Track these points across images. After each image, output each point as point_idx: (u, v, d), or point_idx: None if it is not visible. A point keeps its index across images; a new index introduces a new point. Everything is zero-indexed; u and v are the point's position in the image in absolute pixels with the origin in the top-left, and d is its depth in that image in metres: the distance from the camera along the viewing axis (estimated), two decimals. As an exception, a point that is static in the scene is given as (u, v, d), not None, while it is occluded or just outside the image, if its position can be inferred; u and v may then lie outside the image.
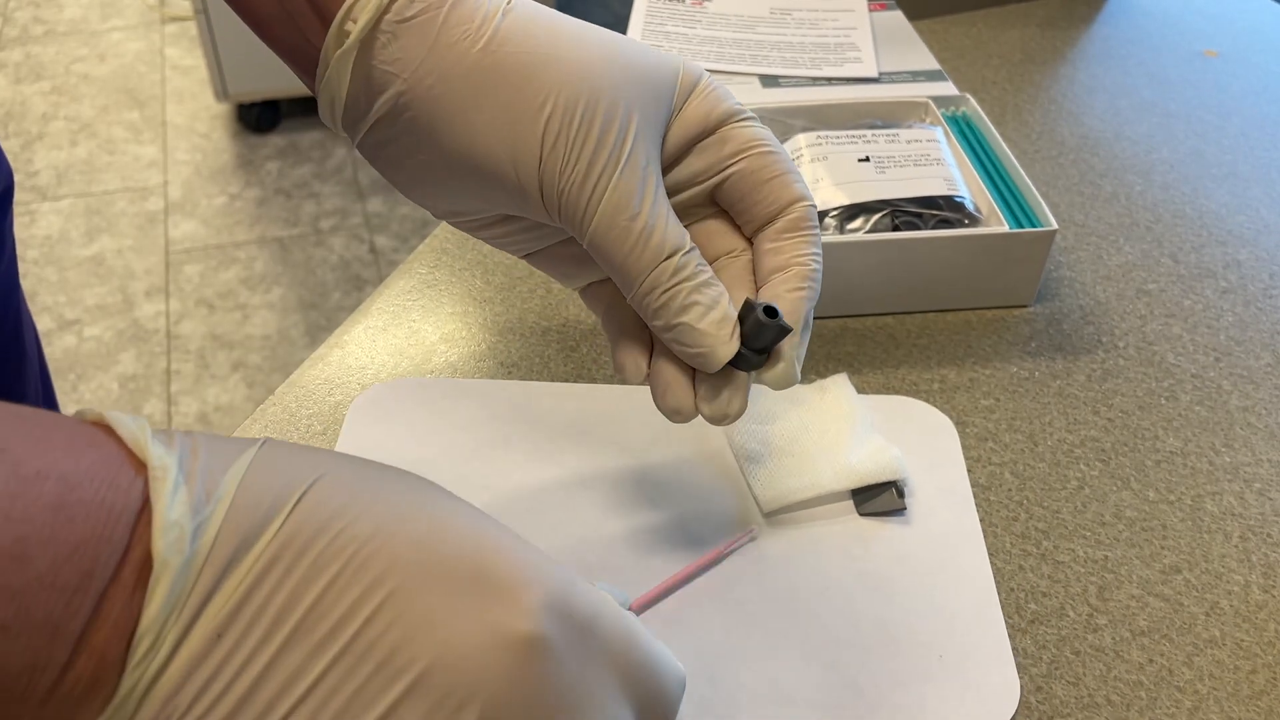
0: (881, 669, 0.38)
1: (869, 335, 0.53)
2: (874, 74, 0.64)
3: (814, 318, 0.53)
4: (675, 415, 0.34)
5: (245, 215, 1.90)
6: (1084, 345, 0.53)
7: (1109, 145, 0.67)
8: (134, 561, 0.23)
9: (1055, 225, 0.52)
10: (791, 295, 0.34)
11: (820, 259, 0.35)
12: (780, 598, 0.40)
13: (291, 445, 0.26)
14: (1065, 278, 0.57)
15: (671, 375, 0.34)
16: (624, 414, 0.47)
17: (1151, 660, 0.39)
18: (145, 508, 0.23)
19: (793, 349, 0.34)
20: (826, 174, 0.54)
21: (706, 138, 0.34)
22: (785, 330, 0.33)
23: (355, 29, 0.31)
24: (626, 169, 0.32)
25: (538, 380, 0.49)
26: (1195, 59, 0.77)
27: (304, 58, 0.34)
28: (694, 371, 0.34)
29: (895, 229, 0.53)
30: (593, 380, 0.50)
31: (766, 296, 0.34)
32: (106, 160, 2.02)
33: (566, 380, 0.50)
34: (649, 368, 0.35)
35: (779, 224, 0.35)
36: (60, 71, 2.26)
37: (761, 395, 0.47)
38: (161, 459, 0.24)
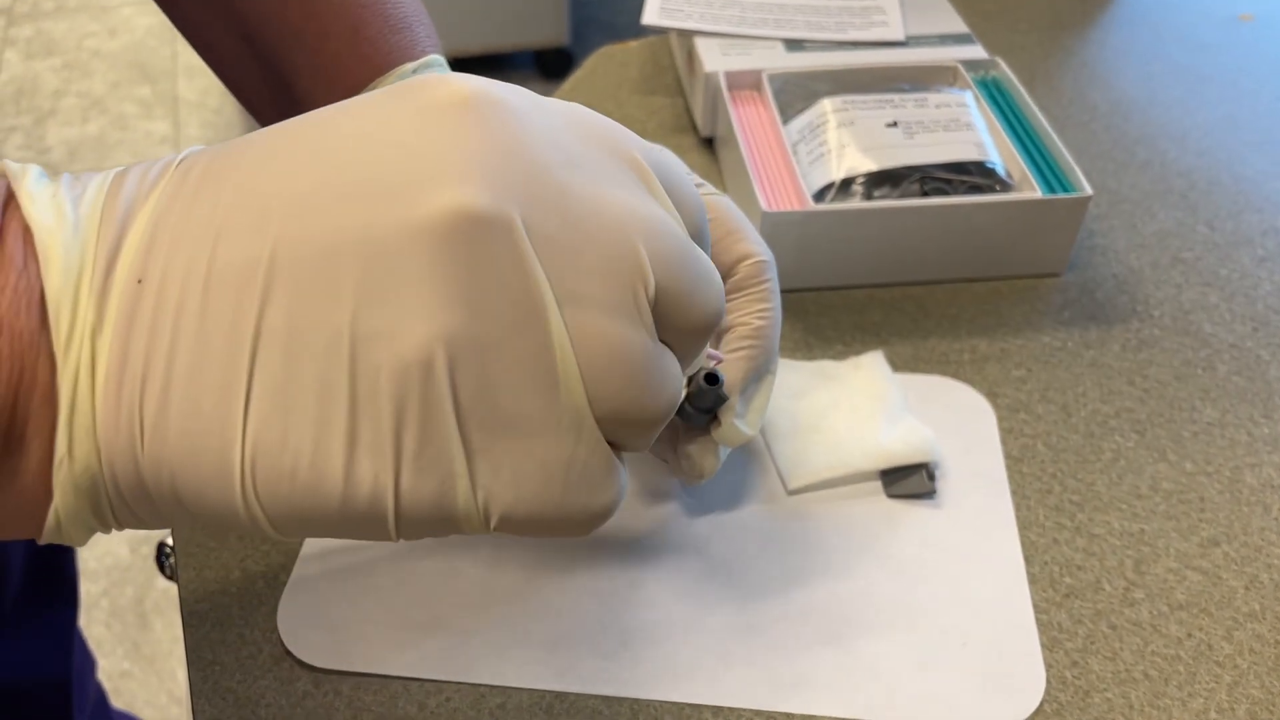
0: (901, 654, 0.37)
1: (897, 305, 0.52)
2: (901, 37, 0.63)
3: (843, 286, 0.52)
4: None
5: (258, 191, 1.89)
6: (1118, 314, 0.51)
7: (1142, 110, 0.66)
8: (14, 232, 0.22)
9: (1090, 191, 0.51)
10: (732, 356, 0.37)
11: (769, 313, 0.37)
12: (801, 578, 0.39)
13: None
14: (1098, 245, 0.55)
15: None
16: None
17: (1190, 635, 0.38)
18: (11, 200, 0.22)
19: (730, 412, 0.37)
20: (853, 139, 0.52)
21: None
22: (722, 397, 0.36)
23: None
24: None
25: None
26: (1230, 23, 0.75)
27: None
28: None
29: (924, 195, 0.51)
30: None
31: (719, 359, 0.38)
32: (118, 137, 2.01)
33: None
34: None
35: (726, 286, 0.36)
36: (71, 47, 2.25)
37: (792, 370, 0.46)
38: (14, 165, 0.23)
